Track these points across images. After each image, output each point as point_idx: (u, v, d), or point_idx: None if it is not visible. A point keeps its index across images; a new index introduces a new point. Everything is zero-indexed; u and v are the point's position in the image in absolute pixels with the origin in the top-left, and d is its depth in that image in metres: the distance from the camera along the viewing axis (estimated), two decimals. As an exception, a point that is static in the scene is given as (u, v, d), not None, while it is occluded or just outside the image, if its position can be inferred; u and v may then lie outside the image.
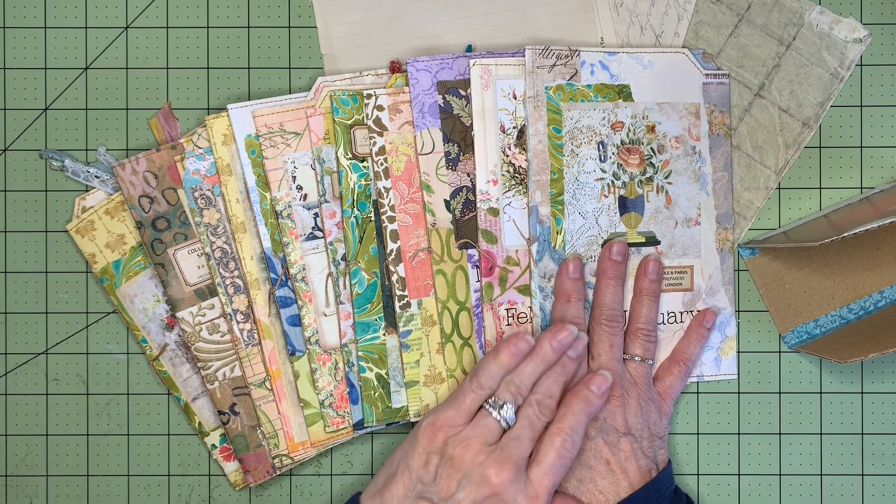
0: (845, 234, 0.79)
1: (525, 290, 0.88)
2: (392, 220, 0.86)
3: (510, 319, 0.87)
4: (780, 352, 0.90)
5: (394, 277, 0.86)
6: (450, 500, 0.79)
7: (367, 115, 0.85)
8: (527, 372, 0.82)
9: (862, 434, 0.90)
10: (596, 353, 0.85)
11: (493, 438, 0.81)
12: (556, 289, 0.86)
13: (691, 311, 0.89)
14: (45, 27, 0.89)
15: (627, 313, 0.88)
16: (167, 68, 0.89)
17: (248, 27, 0.89)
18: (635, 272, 0.88)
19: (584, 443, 0.83)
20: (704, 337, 0.88)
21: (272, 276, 0.86)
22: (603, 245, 0.87)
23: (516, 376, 0.82)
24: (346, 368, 0.87)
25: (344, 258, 0.86)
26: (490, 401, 0.82)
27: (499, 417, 0.81)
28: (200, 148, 0.86)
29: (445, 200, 0.86)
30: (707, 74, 0.88)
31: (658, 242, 0.88)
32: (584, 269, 0.87)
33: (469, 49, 0.88)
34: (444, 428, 0.81)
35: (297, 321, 0.87)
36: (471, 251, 0.87)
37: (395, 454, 0.83)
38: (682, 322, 0.89)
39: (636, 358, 0.86)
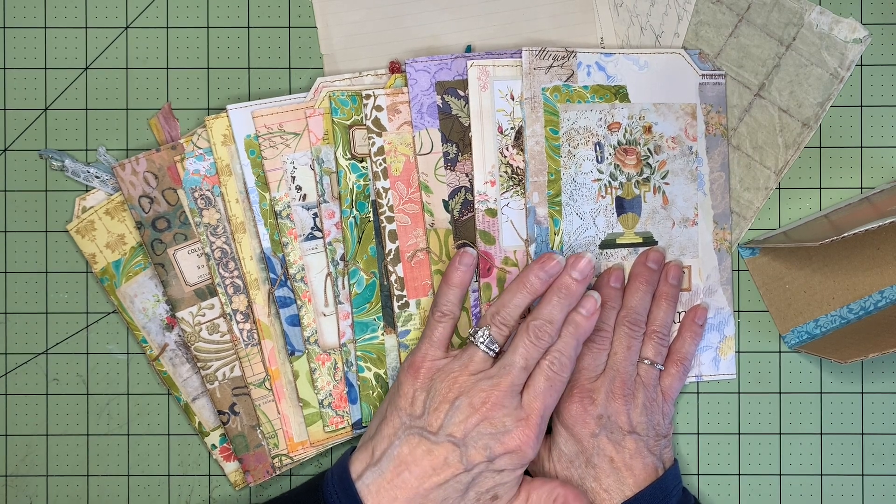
0: (845, 234, 0.79)
1: (524, 291, 0.88)
2: (391, 220, 0.86)
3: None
4: (780, 352, 0.90)
5: (392, 277, 0.86)
6: (440, 431, 0.79)
7: (366, 115, 0.85)
8: (513, 304, 0.82)
9: (862, 434, 0.90)
10: (613, 351, 0.85)
11: (480, 368, 0.80)
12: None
13: (691, 312, 0.89)
14: (45, 27, 0.89)
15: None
16: (167, 68, 0.89)
17: (248, 27, 0.89)
18: (633, 266, 0.88)
19: (586, 440, 0.83)
20: (698, 334, 0.88)
21: (271, 276, 0.86)
22: (600, 246, 0.87)
23: (502, 308, 0.82)
24: (345, 368, 0.87)
25: (343, 258, 0.86)
26: (474, 332, 0.82)
27: (484, 348, 0.81)
28: (200, 148, 0.86)
29: (444, 201, 0.86)
30: (703, 75, 0.88)
31: (655, 243, 0.88)
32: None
33: (468, 49, 0.88)
34: (423, 363, 0.81)
35: (296, 321, 0.87)
36: (469, 252, 0.87)
37: (381, 405, 0.83)
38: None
39: (646, 361, 0.86)
